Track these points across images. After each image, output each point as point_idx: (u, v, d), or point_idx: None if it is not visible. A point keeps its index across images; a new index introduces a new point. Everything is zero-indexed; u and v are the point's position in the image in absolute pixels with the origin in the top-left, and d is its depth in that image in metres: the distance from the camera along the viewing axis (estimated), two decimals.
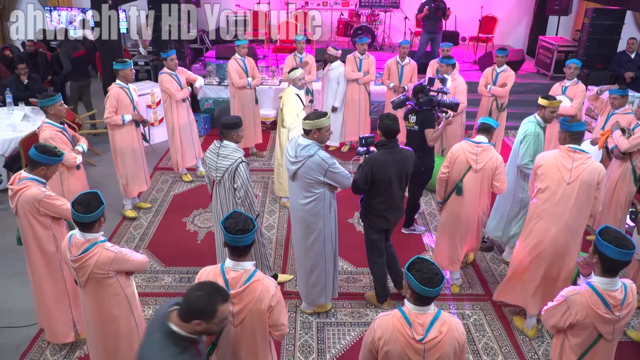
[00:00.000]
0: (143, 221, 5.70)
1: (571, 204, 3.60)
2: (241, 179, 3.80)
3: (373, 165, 3.83)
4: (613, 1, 7.95)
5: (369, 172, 3.83)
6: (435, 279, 2.27)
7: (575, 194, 3.58)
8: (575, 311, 2.59)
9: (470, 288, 4.70)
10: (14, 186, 3.42)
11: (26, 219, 3.44)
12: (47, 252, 3.56)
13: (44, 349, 3.93)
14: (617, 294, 2.55)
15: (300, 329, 4.15)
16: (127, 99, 5.26)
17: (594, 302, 2.55)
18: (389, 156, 3.87)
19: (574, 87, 6.03)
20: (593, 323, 2.58)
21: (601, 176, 3.58)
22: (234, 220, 2.50)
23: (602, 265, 2.56)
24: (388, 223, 4.09)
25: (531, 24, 11.20)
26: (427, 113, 4.86)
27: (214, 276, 2.54)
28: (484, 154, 4.16)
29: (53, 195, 3.45)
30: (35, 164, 3.43)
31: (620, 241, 2.49)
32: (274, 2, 10.62)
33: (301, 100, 5.56)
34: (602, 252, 2.52)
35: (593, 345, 2.65)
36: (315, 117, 3.65)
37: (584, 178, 3.55)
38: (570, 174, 3.58)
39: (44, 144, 3.55)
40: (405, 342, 2.34)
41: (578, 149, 3.62)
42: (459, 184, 4.23)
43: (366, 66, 7.07)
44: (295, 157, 3.70)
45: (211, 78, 8.51)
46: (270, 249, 5.20)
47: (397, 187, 3.95)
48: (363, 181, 3.87)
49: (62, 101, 4.42)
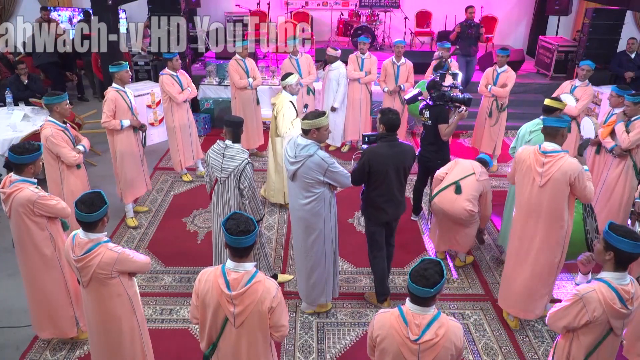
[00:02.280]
0: (143, 221, 5.70)
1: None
2: (248, 180, 3.81)
3: (370, 157, 3.88)
4: (613, 1, 7.95)
5: (366, 163, 3.88)
6: (423, 280, 2.26)
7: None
8: (592, 308, 2.57)
9: (470, 288, 4.70)
10: (6, 189, 3.42)
11: (21, 222, 3.43)
12: (45, 253, 3.56)
13: (44, 349, 3.94)
14: (629, 288, 2.58)
15: (300, 329, 4.15)
16: (125, 104, 5.19)
17: (611, 297, 2.55)
18: (388, 149, 3.92)
19: (583, 89, 5.99)
20: (608, 319, 2.58)
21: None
22: (235, 222, 2.49)
23: (616, 260, 2.57)
24: (387, 216, 4.11)
25: (531, 24, 11.19)
26: (440, 108, 4.99)
27: (215, 277, 2.54)
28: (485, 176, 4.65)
29: (46, 195, 3.46)
30: (22, 167, 3.42)
31: (631, 234, 2.54)
32: (274, 2, 10.61)
33: (294, 107, 5.46)
34: (618, 248, 2.54)
35: (602, 341, 2.65)
36: (314, 116, 3.67)
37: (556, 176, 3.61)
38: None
39: (17, 144, 3.51)
40: (400, 341, 2.36)
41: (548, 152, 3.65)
42: (458, 182, 4.48)
43: (368, 66, 7.07)
44: (295, 157, 3.70)
45: (211, 78, 8.51)
46: (270, 249, 5.20)
47: (395, 180, 3.98)
48: (360, 172, 3.94)
49: (68, 100, 4.42)
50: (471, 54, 8.30)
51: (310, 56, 7.41)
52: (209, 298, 2.54)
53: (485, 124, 6.85)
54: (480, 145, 6.99)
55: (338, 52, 6.98)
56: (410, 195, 5.77)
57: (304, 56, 7.16)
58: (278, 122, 5.38)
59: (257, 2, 10.46)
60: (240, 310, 2.51)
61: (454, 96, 4.96)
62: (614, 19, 8.30)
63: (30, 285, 3.71)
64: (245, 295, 2.50)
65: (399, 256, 5.02)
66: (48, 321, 3.79)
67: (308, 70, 7.10)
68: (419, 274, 2.28)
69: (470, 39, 8.15)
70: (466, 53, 8.28)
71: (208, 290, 2.54)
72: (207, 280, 2.56)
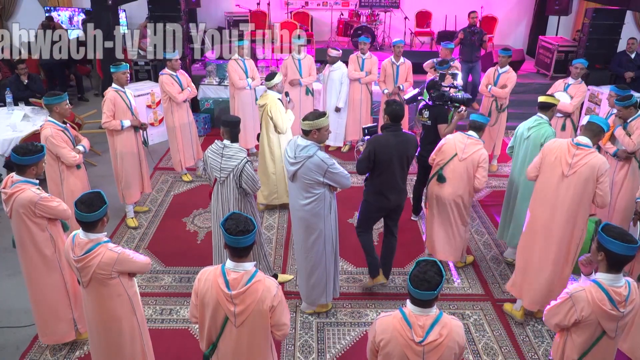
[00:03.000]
0: (143, 221, 5.70)
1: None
2: (250, 179, 3.85)
3: (376, 146, 4.02)
4: (613, 1, 7.95)
5: (371, 152, 4.02)
6: (425, 284, 2.26)
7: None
8: (580, 307, 2.59)
9: (470, 288, 4.70)
10: (7, 190, 3.41)
11: (22, 222, 3.43)
12: (45, 254, 3.55)
13: (44, 349, 3.93)
14: (622, 290, 2.57)
15: (300, 329, 4.15)
16: (124, 104, 5.19)
17: (600, 298, 2.55)
18: (392, 138, 4.05)
19: (576, 86, 6.05)
20: (598, 320, 2.58)
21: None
22: (234, 222, 2.48)
23: (608, 261, 2.57)
24: (388, 202, 4.22)
25: (531, 24, 11.20)
26: (440, 108, 5.01)
27: (215, 277, 2.54)
28: (472, 147, 4.41)
29: (48, 196, 3.45)
30: (24, 168, 3.41)
31: (624, 236, 2.53)
32: (274, 2, 10.61)
33: (282, 103, 5.41)
34: (608, 249, 2.54)
35: (596, 342, 2.65)
36: (314, 117, 3.68)
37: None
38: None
39: (20, 145, 3.50)
40: (404, 344, 2.34)
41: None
42: (440, 171, 4.47)
43: (369, 66, 7.07)
44: (295, 158, 3.71)
45: (211, 78, 8.51)
46: (270, 248, 5.20)
47: (398, 168, 4.12)
48: (365, 160, 4.07)
49: (68, 101, 4.42)
50: (472, 59, 8.25)
51: (312, 57, 7.42)
52: (209, 297, 2.54)
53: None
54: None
55: (339, 52, 6.99)
56: (409, 196, 5.76)
57: (307, 57, 7.16)
58: (276, 121, 5.33)
59: (257, 2, 10.46)
60: (241, 310, 2.51)
61: (454, 96, 4.97)
62: (614, 19, 8.30)
63: (31, 286, 3.70)
64: (246, 294, 2.50)
65: (399, 256, 5.01)
66: (47, 325, 3.78)
67: (309, 71, 7.10)
68: (420, 279, 2.27)
69: (473, 45, 8.12)
70: (468, 59, 8.24)
71: (207, 290, 2.54)
72: (207, 279, 2.56)
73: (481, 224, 5.76)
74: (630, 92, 5.12)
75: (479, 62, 8.29)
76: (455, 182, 4.44)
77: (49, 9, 10.41)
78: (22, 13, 10.76)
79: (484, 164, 4.37)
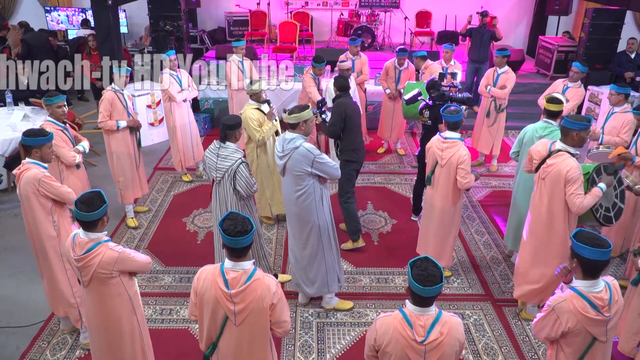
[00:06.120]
0: (143, 221, 5.70)
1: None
2: (244, 180, 3.84)
3: (344, 108, 4.63)
4: (613, 1, 7.95)
5: (342, 112, 4.61)
6: (431, 279, 2.26)
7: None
8: (565, 319, 2.53)
9: (470, 288, 4.70)
10: (19, 171, 3.56)
11: (28, 202, 3.53)
12: (50, 236, 3.61)
13: (44, 349, 3.94)
14: (603, 295, 2.51)
15: (300, 329, 4.15)
16: (121, 105, 5.19)
17: (582, 306, 2.50)
18: (350, 101, 4.76)
19: (574, 89, 6.04)
20: (585, 328, 2.53)
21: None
22: (232, 222, 2.48)
23: (582, 267, 2.52)
24: (363, 155, 4.91)
25: (531, 24, 11.20)
26: (440, 108, 4.95)
27: (214, 276, 2.54)
28: (449, 150, 4.26)
29: (52, 177, 3.56)
30: (28, 149, 3.58)
31: (594, 241, 2.46)
32: (274, 2, 10.62)
33: (262, 112, 5.11)
34: (580, 255, 2.48)
35: (588, 349, 2.60)
36: (299, 110, 3.82)
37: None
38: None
39: (31, 128, 3.69)
40: (406, 344, 2.34)
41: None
42: (429, 175, 4.46)
43: (359, 66, 7.08)
44: (283, 151, 3.81)
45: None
46: (270, 248, 5.20)
47: (360, 126, 4.85)
48: (339, 122, 4.64)
49: (63, 102, 4.40)
50: (481, 59, 8.11)
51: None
52: (208, 296, 2.54)
53: (484, 123, 6.85)
54: (478, 144, 7.00)
55: (348, 63, 6.48)
56: (409, 194, 5.77)
57: (322, 80, 6.86)
58: (249, 132, 5.05)
59: (257, 2, 10.47)
60: (241, 309, 2.51)
61: (454, 96, 4.96)
62: (614, 19, 8.29)
63: (38, 261, 3.78)
64: (246, 293, 2.50)
65: (399, 256, 5.03)
66: (58, 299, 3.85)
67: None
68: (424, 276, 2.27)
69: (483, 43, 8.00)
70: (476, 59, 8.14)
71: (207, 289, 2.54)
72: (206, 278, 2.56)
73: (481, 224, 5.76)
74: (629, 89, 5.16)
75: (486, 63, 8.16)
76: (442, 190, 4.37)
77: (49, 9, 10.42)
78: (22, 13, 10.77)
79: (463, 164, 4.20)
